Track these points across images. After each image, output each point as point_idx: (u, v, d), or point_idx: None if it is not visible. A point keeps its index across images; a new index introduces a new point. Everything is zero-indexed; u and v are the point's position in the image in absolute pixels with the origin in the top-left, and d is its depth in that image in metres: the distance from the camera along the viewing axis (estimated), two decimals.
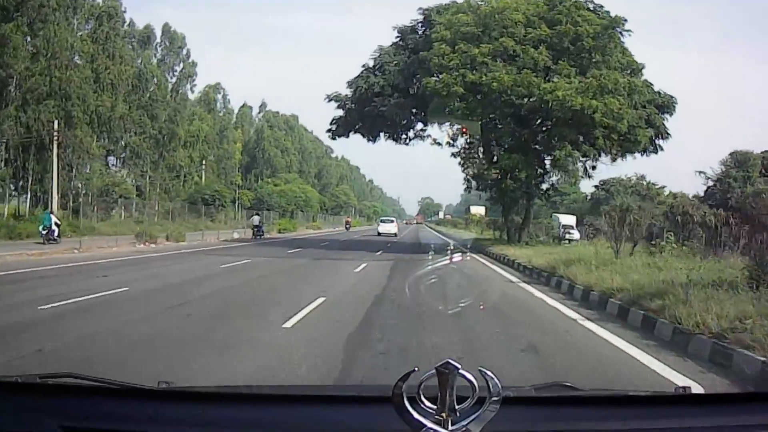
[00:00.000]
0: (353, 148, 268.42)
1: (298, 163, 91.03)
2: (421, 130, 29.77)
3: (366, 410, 1.71)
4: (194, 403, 1.76)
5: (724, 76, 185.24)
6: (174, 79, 56.45)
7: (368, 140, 29.57)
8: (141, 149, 51.25)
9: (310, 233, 51.92)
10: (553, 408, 1.77)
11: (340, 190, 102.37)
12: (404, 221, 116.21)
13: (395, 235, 45.20)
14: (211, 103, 71.85)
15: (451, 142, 28.50)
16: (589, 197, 70.79)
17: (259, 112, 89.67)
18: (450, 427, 1.33)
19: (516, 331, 8.08)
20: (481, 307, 8.81)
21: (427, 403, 1.36)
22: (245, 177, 78.30)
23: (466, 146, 28.75)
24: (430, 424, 1.32)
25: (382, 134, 29.73)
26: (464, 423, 1.33)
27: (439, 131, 29.48)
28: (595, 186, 68.80)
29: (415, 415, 1.33)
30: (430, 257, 10.18)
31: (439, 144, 28.93)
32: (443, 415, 1.34)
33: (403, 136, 29.78)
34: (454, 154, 28.97)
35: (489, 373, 1.35)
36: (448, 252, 10.91)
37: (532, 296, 12.06)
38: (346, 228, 66.01)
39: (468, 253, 22.71)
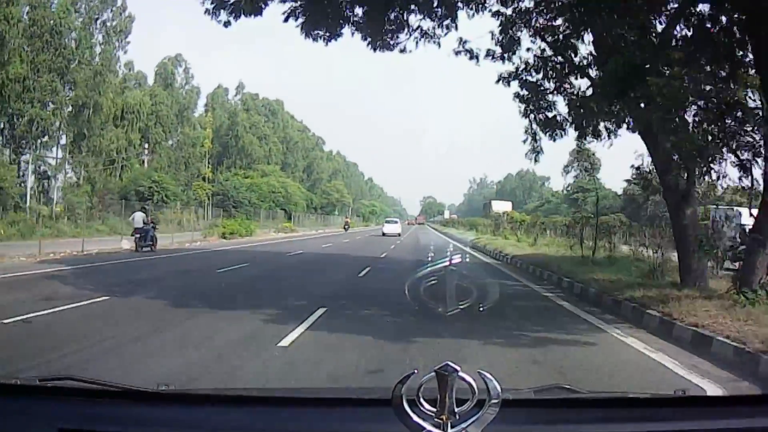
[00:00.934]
0: (350, 142, 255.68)
1: (281, 154, 78.06)
2: (440, 16, 12.29)
3: (365, 413, 1.69)
4: (193, 406, 1.75)
5: None
6: (101, 36, 43.08)
7: (321, 36, 11.92)
8: (47, 125, 38.00)
9: (276, 239, 37.83)
10: (552, 410, 1.76)
11: (332, 186, 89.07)
12: (405, 221, 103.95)
13: (399, 235, 46.04)
14: (168, 78, 58.56)
15: (499, 50, 12.23)
16: (621, 193, 57.11)
17: (236, 95, 76.46)
18: (449, 430, 1.32)
19: None
20: None
21: (427, 406, 1.35)
22: (216, 169, 65.02)
23: (555, 37, 11.77)
24: (429, 427, 1.32)
25: (347, 25, 11.88)
26: (463, 425, 1.33)
27: (467, 22, 12.74)
28: (627, 180, 54.37)
29: (415, 417, 1.33)
30: None
31: (473, 55, 12.81)
32: (443, 417, 1.33)
33: (394, 37, 12.36)
34: (503, 78, 12.67)
35: (488, 375, 1.33)
36: None
37: None
38: (344, 229, 59.19)
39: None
